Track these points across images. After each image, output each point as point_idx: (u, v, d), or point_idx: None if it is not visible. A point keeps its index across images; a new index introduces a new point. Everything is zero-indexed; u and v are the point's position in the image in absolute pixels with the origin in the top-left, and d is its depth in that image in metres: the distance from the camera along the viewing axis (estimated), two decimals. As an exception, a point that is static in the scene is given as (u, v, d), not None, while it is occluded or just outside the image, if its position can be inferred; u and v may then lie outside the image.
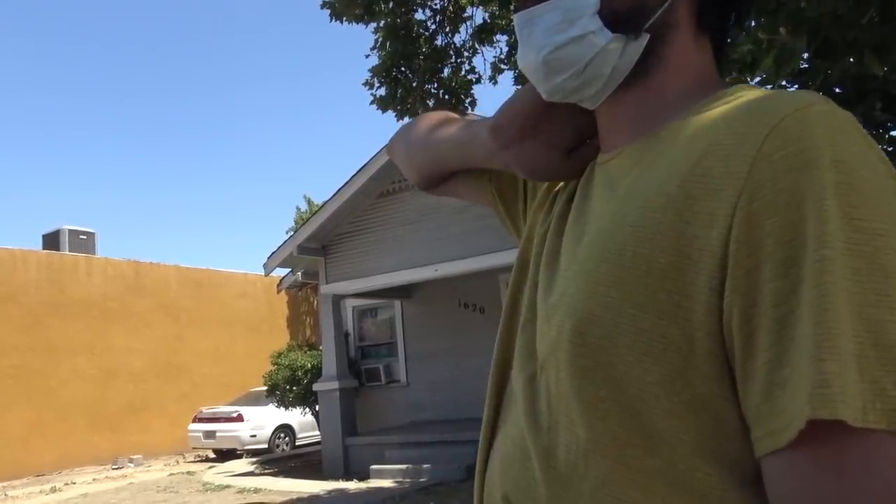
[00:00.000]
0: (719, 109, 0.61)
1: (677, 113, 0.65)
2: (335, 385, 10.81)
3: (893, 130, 4.71)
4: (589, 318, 0.59)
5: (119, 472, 13.48)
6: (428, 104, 8.63)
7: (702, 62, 0.70)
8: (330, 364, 11.02)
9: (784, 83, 4.57)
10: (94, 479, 12.64)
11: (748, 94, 0.61)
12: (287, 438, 14.86)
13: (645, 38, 0.67)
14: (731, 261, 0.52)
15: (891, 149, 4.71)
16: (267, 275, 12.36)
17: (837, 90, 4.57)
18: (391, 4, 8.62)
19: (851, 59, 3.81)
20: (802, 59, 4.41)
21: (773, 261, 0.50)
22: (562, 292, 0.65)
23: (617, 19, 0.66)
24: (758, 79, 5.04)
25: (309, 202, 24.36)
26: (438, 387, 12.41)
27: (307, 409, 12.92)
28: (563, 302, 0.63)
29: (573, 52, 0.67)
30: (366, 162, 10.69)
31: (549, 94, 0.72)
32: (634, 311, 0.56)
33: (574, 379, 0.60)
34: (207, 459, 14.68)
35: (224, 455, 14.44)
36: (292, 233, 12.28)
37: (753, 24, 4.01)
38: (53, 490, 11.49)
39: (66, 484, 12.11)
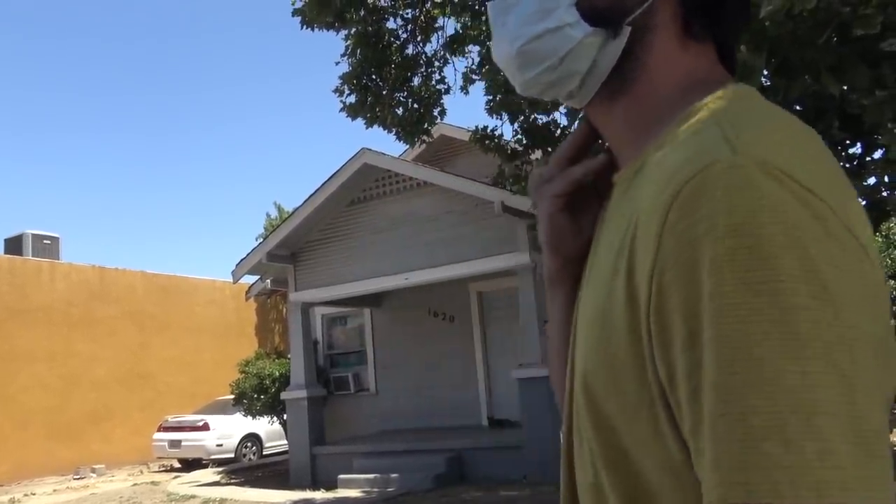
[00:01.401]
0: (661, 154, 0.60)
1: (664, 126, 0.63)
2: (303, 394, 10.74)
3: (851, 148, 4.83)
4: (592, 371, 0.61)
5: (80, 483, 13.20)
6: (397, 113, 8.64)
7: (690, 67, 0.67)
8: (298, 372, 10.94)
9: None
10: (54, 490, 12.36)
11: (689, 127, 0.59)
12: (254, 448, 14.70)
13: (625, 35, 0.65)
14: (653, 332, 0.53)
15: (849, 166, 4.84)
16: (235, 282, 12.24)
17: (797, 108, 4.68)
18: (362, 12, 8.63)
19: (809, 79, 3.90)
20: (764, 76, 4.51)
21: (681, 336, 0.50)
22: (576, 341, 0.68)
23: (595, 13, 0.65)
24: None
25: (279, 209, 24.20)
26: (408, 395, 12.39)
27: (275, 418, 12.80)
28: (577, 352, 0.66)
29: (548, 44, 0.66)
30: (337, 169, 10.66)
31: (524, 87, 0.71)
32: (616, 373, 0.57)
33: (592, 429, 0.62)
34: (172, 469, 14.46)
35: (189, 465, 14.23)
36: (262, 240, 12.19)
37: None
38: (12, 502, 11.22)
39: (26, 495, 11.83)
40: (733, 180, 0.50)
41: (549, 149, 8.61)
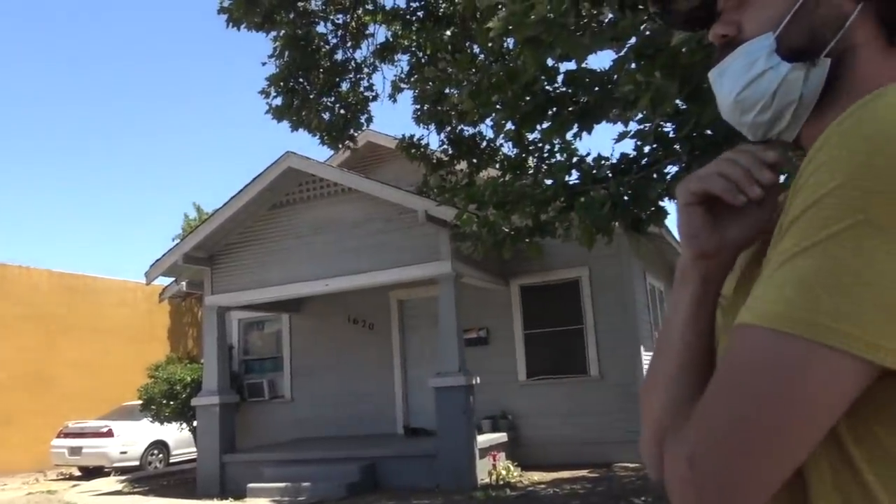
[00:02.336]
0: None
1: None
2: (215, 400, 10.44)
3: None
4: None
5: (-31, 491, 12.42)
6: (324, 117, 8.58)
7: None
8: (211, 378, 10.63)
9: (661, 122, 4.89)
10: (-61, 499, 11.59)
11: None
12: (161, 455, 14.19)
13: (826, 63, 0.72)
14: None
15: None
16: (148, 283, 11.79)
17: (709, 132, 4.92)
18: (292, 15, 8.55)
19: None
20: (679, 101, 4.71)
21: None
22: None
23: (793, 53, 0.74)
24: (638, 116, 5.35)
25: (198, 210, 23.56)
26: (324, 403, 12.24)
27: (184, 425, 12.41)
28: None
29: (758, 88, 0.75)
30: (260, 172, 10.47)
31: (751, 132, 0.79)
32: None
33: None
34: (72, 477, 13.78)
35: (91, 473, 13.59)
36: (179, 240, 11.82)
37: (634, 66, 4.28)
38: None
39: None
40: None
41: (475, 160, 8.74)
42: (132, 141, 42.40)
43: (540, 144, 7.09)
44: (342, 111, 8.88)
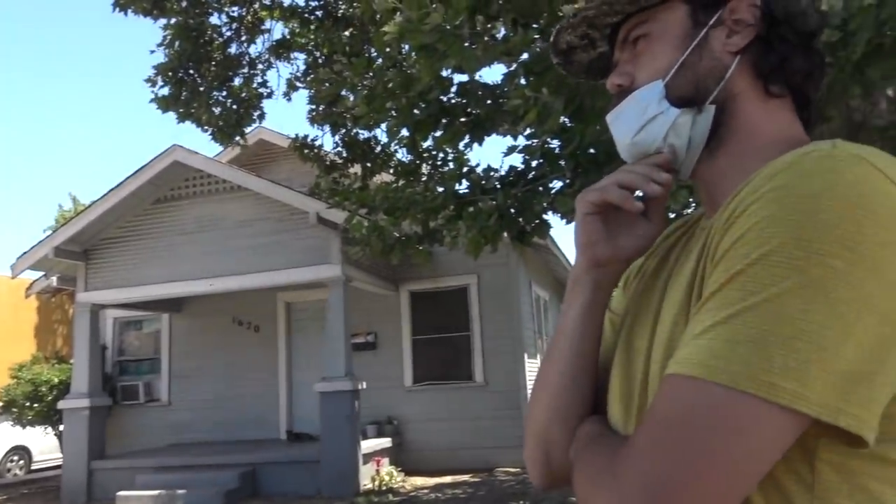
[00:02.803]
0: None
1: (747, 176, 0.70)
2: (85, 403, 9.84)
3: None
4: None
5: None
6: (214, 111, 8.32)
7: (775, 122, 0.80)
8: (81, 379, 10.02)
9: (547, 139, 5.06)
10: None
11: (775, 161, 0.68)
12: (21, 461, 13.24)
13: (711, 109, 0.80)
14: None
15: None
16: (14, 277, 10.99)
17: (591, 151, 5.13)
18: (184, 3, 8.24)
19: (601, 126, 4.30)
20: (565, 119, 4.89)
21: None
22: (631, 342, 0.83)
23: (681, 101, 0.81)
24: (527, 131, 5.51)
25: (74, 200, 22.25)
26: (204, 407, 11.82)
27: (50, 429, 11.64)
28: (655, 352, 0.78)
29: (650, 131, 0.82)
30: (144, 164, 10.01)
31: None
32: None
33: None
34: (-84, 486, 12.62)
35: (-61, 481, 12.50)
36: (51, 232, 11.09)
37: (523, 81, 4.42)
38: None
39: None
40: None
41: (369, 164, 8.72)
42: (1, 122, 39.46)
43: (433, 152, 7.17)
44: (234, 106, 8.63)
